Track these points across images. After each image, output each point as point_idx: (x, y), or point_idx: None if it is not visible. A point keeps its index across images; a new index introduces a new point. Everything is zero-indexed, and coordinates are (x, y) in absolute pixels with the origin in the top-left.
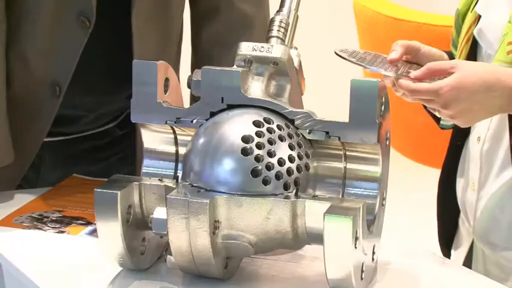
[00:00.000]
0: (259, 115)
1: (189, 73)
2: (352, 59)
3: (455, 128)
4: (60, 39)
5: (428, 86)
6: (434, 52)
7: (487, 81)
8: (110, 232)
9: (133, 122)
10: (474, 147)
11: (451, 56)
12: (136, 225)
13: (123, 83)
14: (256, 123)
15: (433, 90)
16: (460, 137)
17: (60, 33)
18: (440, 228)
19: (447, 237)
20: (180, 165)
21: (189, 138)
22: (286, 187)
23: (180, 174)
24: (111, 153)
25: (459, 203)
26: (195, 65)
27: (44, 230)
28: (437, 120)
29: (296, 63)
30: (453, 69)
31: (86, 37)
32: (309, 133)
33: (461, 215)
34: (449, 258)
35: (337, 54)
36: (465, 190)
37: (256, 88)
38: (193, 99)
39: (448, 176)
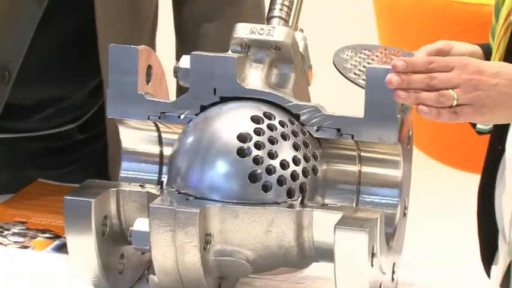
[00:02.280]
0: (258, 109)
1: (175, 60)
2: (344, 71)
3: (495, 129)
4: (10, 14)
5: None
6: (465, 50)
7: None
8: (82, 247)
9: (110, 117)
10: (511, 151)
11: (489, 50)
12: (114, 239)
13: (84, 73)
14: (255, 119)
15: (462, 63)
16: (502, 139)
17: (11, 7)
18: (480, 242)
19: (487, 252)
20: (165, 169)
21: (176, 136)
22: (290, 194)
23: (165, 179)
24: (70, 160)
25: (496, 214)
26: (181, 50)
27: (3, 245)
28: (473, 124)
29: (301, 48)
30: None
31: (40, 12)
32: (317, 130)
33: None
34: (489, 277)
35: (334, 64)
36: (501, 199)
37: (254, 77)
38: (181, 90)
39: (490, 185)
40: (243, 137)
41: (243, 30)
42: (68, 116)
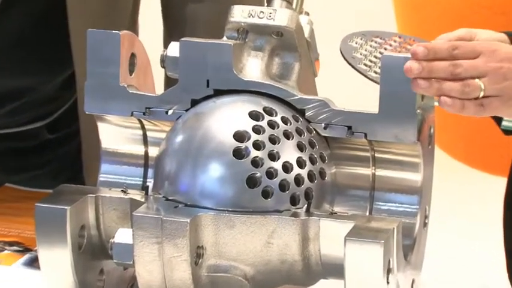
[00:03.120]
0: (257, 104)
1: (162, 48)
2: (353, 60)
3: None
4: None
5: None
6: (491, 39)
7: None
8: (56, 262)
9: (87, 112)
10: None
11: None
12: (92, 252)
13: (54, 62)
14: (254, 115)
15: (491, 49)
16: None
17: None
18: (507, 257)
19: None
20: (150, 172)
21: (163, 135)
22: (294, 201)
23: (150, 183)
24: (37, 163)
25: None
26: (169, 36)
27: None
28: (498, 120)
29: (307, 34)
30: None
31: None
32: (325, 128)
33: None
34: None
35: (341, 52)
36: None
37: (253, 67)
38: (169, 82)
39: None
40: (240, 136)
41: (240, 13)
42: (35, 112)
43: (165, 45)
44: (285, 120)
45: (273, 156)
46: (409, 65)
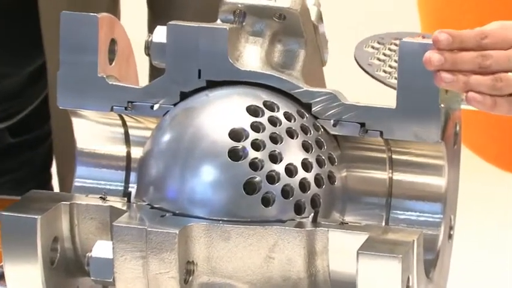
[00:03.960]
0: (256, 97)
1: (147, 33)
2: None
3: None
4: None
5: None
6: None
7: None
8: (25, 279)
9: (61, 107)
10: None
11: None
12: (66, 268)
13: (19, 51)
14: (253, 110)
15: None
16: None
17: None
18: None
19: None
20: (133, 176)
21: (148, 133)
22: (298, 209)
23: (133, 189)
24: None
25: None
26: (154, 20)
27: None
28: None
29: (314, 17)
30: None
31: None
32: (335, 125)
33: None
34: None
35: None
36: None
37: (252, 55)
38: (154, 73)
39: None
40: (236, 134)
41: None
42: None
43: (150, 30)
44: (288, 116)
45: (274, 158)
46: (428, 56)
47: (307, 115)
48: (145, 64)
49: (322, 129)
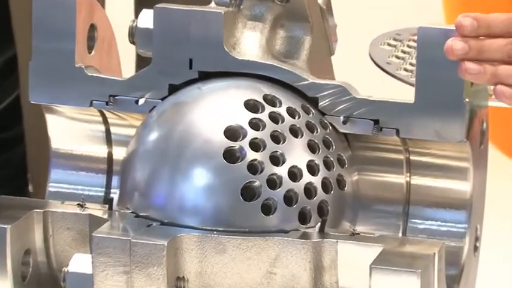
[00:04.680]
0: (255, 90)
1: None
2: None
3: None
4: None
5: None
6: None
7: None
8: None
9: (33, 102)
10: None
11: None
12: (39, 284)
13: None
14: (252, 106)
15: None
16: None
17: None
18: None
19: None
20: (115, 180)
21: (132, 131)
22: (303, 218)
23: (115, 194)
24: None
25: None
26: (139, 2)
27: None
28: None
29: (321, 0)
30: None
31: None
32: (345, 123)
33: None
34: None
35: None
36: None
37: (250, 43)
38: (140, 63)
39: None
40: (233, 133)
41: None
42: None
43: (136, 14)
44: (291, 112)
45: (276, 160)
46: (450, 44)
47: (313, 111)
48: (130, 53)
49: (330, 127)
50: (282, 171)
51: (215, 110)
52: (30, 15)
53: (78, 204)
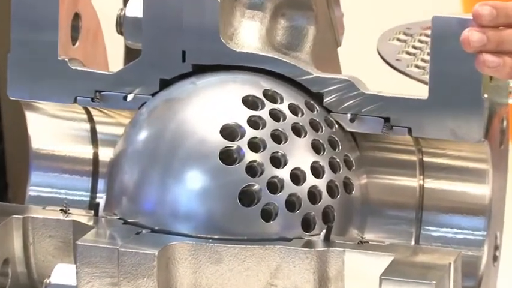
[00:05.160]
0: (255, 86)
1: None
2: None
3: None
4: None
5: None
6: None
7: None
8: None
9: (12, 98)
10: None
11: None
12: None
13: None
14: (250, 102)
15: None
16: None
17: None
18: None
19: None
20: (101, 183)
21: (120, 130)
22: (307, 225)
23: (101, 199)
24: None
25: None
26: None
27: None
28: None
29: None
30: None
31: None
32: (352, 120)
33: None
34: None
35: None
36: None
37: (249, 33)
38: (129, 55)
39: None
40: (230, 132)
41: None
42: None
43: (124, 2)
44: (294, 109)
45: (277, 161)
46: (467, 35)
47: (317, 108)
48: (118, 45)
49: (336, 126)
50: (284, 173)
51: (211, 107)
52: (9, 3)
53: (61, 209)
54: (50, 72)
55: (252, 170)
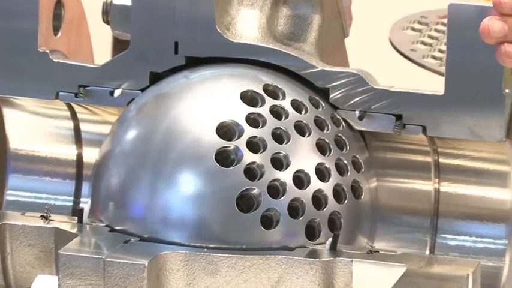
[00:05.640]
0: (254, 80)
1: None
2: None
3: None
4: None
5: None
6: None
7: None
8: None
9: None
10: None
11: None
12: None
13: None
14: (249, 98)
15: None
16: None
17: None
18: None
19: None
20: (86, 187)
21: (106, 128)
22: (311, 233)
23: (86, 204)
24: None
25: None
26: None
27: None
28: None
29: None
30: None
31: None
32: (361, 118)
33: None
34: None
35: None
36: None
37: (248, 23)
38: (118, 46)
39: None
40: (227, 130)
41: None
42: None
43: None
44: (297, 106)
45: (278, 163)
46: (487, 24)
47: (323, 104)
48: (105, 35)
49: (343, 124)
50: (286, 176)
51: (205, 103)
52: None
53: (41, 215)
54: (29, 65)
55: (251, 172)
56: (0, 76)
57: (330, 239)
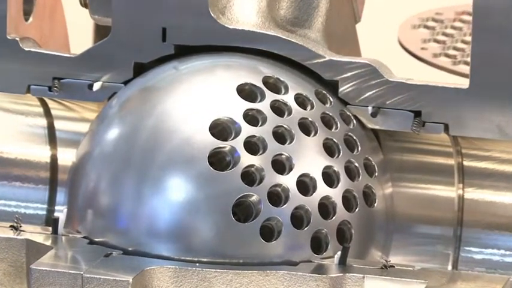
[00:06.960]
0: (253, 72)
1: None
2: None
3: None
4: None
5: None
6: None
7: None
8: None
9: None
10: None
11: None
12: None
13: None
14: (247, 92)
15: None
16: None
17: None
18: None
19: None
20: (61, 193)
21: (84, 127)
22: (318, 245)
23: (61, 213)
24: None
25: None
26: None
27: None
28: None
29: None
30: None
31: None
32: (374, 115)
33: None
34: None
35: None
36: None
37: (246, 7)
38: (99, 35)
39: None
40: (222, 129)
41: None
42: None
43: None
44: (302, 101)
45: (280, 166)
46: None
47: (331, 99)
48: (86, 22)
49: (354, 122)
50: (289, 181)
51: (197, 98)
52: None
53: (11, 226)
54: None
55: (249, 176)
56: None
57: (339, 253)
